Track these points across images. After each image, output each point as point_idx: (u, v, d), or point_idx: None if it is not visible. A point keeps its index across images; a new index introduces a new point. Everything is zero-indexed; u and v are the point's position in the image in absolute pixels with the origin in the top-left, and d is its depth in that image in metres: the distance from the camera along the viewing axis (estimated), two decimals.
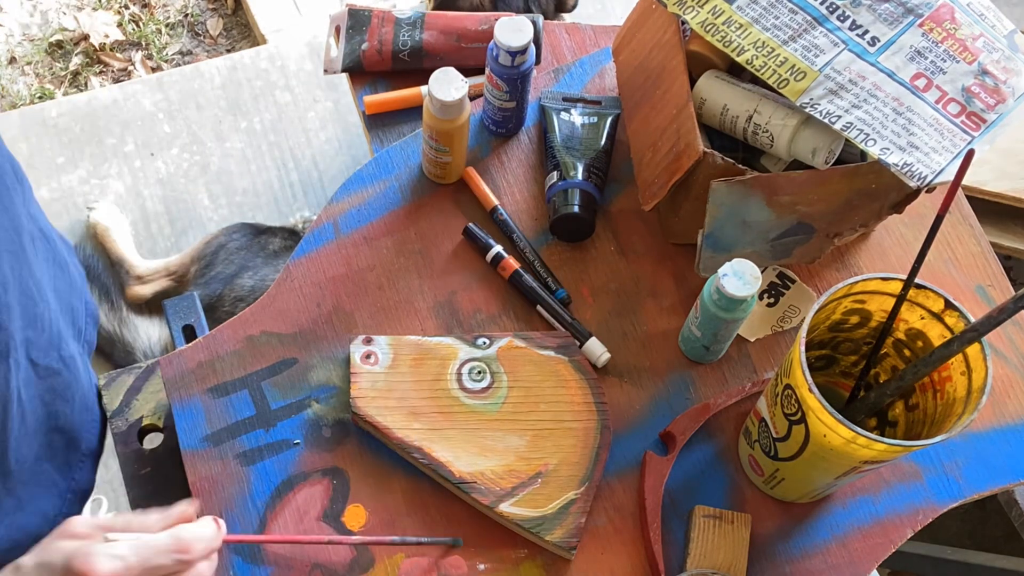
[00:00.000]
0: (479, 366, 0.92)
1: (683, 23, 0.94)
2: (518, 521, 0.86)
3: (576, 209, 0.97)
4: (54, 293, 0.81)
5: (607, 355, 0.94)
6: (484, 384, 0.91)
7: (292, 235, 1.63)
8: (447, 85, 0.93)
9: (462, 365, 0.91)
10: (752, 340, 0.97)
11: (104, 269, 1.63)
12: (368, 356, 0.91)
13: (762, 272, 0.86)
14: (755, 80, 0.91)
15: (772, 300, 0.99)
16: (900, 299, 0.78)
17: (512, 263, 0.97)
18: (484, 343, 0.92)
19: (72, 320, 0.86)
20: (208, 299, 1.50)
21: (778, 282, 0.99)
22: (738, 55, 0.85)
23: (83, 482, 0.88)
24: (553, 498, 0.87)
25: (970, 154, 0.70)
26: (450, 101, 0.92)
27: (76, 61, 1.94)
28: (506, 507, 0.86)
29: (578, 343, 0.94)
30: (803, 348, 0.74)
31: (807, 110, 0.83)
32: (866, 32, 0.85)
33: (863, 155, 0.93)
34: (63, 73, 1.93)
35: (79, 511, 0.87)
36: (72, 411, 0.84)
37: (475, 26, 1.09)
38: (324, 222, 1.00)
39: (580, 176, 0.98)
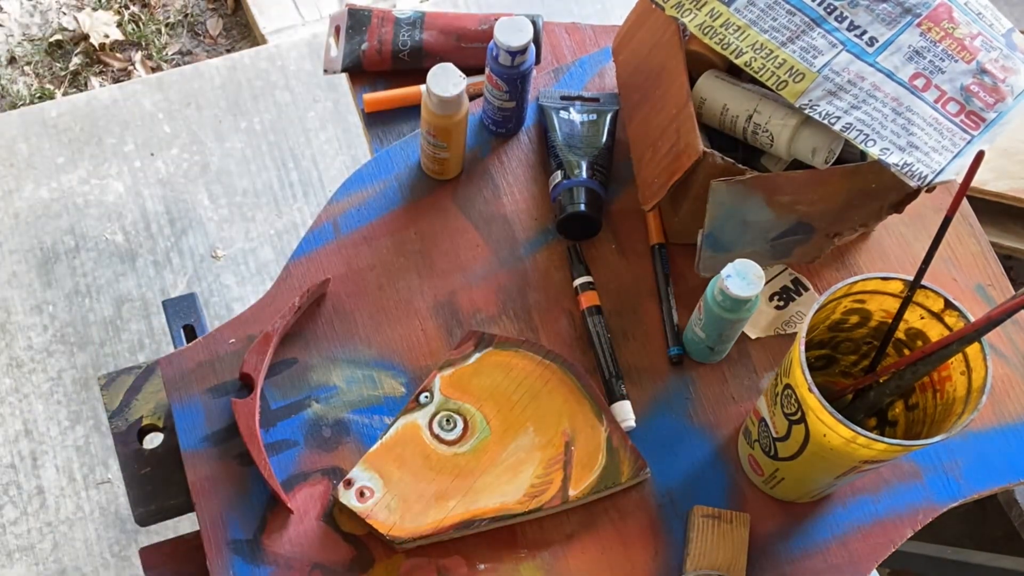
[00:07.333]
0: (442, 418, 0.90)
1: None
2: (592, 491, 0.87)
3: (583, 207, 0.96)
4: None
5: (632, 422, 0.92)
6: (460, 427, 0.90)
7: None
8: (445, 80, 0.92)
9: (429, 429, 0.89)
10: (754, 337, 0.97)
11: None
12: (362, 494, 0.87)
13: (776, 276, 0.85)
14: (755, 80, 0.91)
15: (781, 303, 0.98)
16: (906, 301, 0.78)
17: (592, 298, 0.96)
18: (427, 397, 0.91)
19: None
20: None
21: (791, 287, 0.99)
22: (736, 57, 0.85)
23: None
24: (595, 450, 0.88)
25: (980, 155, 0.70)
26: (447, 97, 0.92)
27: (76, 61, 1.94)
28: (574, 492, 0.87)
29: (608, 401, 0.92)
30: (803, 348, 0.74)
31: (806, 111, 0.83)
32: (864, 32, 0.85)
33: (863, 155, 0.93)
34: (63, 73, 1.93)
35: None
36: None
37: (475, 26, 1.09)
38: (324, 222, 1.00)
39: (584, 174, 0.98)
